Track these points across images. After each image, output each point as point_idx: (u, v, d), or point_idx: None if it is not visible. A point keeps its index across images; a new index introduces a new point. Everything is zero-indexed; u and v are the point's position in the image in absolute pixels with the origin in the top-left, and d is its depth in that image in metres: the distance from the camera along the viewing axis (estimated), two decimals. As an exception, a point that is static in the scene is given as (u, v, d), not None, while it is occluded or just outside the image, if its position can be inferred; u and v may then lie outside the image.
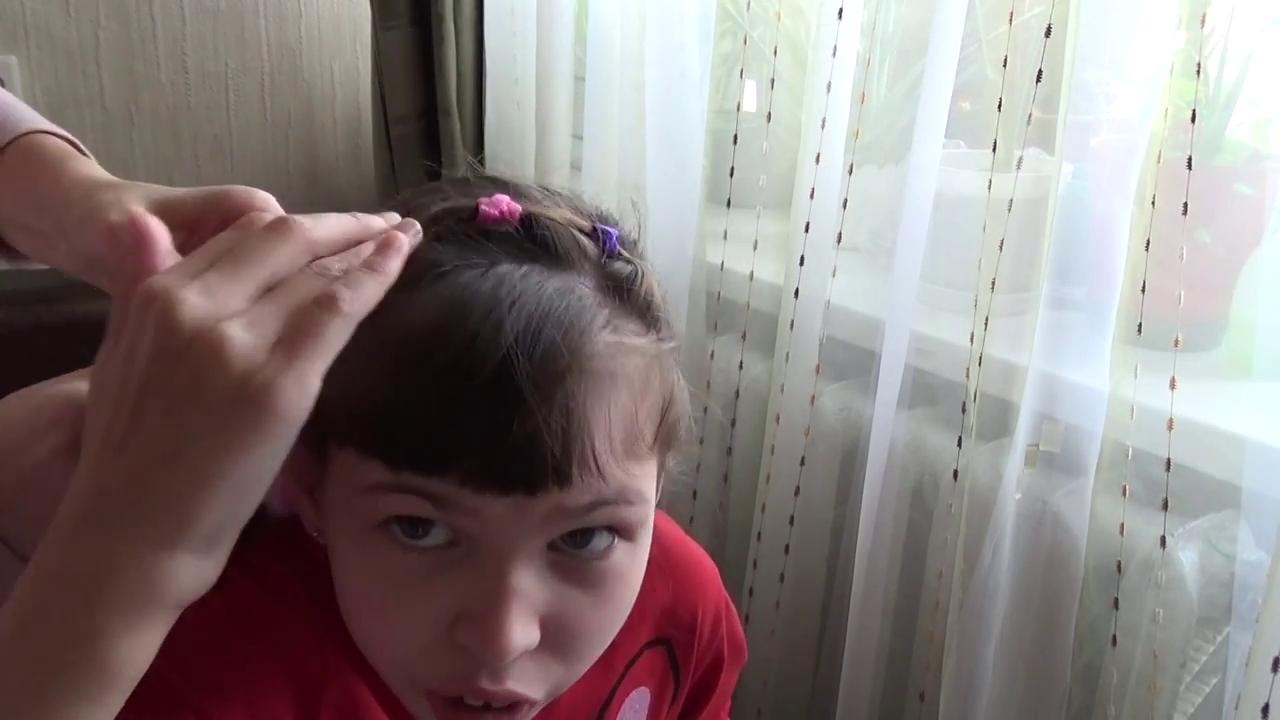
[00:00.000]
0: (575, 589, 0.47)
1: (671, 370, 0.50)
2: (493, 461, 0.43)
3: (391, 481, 0.44)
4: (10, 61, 1.56)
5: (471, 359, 0.43)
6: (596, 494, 0.45)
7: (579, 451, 0.44)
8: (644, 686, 0.65)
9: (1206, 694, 0.89)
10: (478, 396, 0.43)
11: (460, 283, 0.45)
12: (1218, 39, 0.87)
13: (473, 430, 0.43)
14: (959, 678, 0.99)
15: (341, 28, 1.78)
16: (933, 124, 0.99)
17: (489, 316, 0.43)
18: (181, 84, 1.68)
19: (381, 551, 0.46)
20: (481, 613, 0.45)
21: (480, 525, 0.45)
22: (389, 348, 0.44)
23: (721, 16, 1.26)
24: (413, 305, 0.45)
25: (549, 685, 0.49)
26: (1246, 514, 0.86)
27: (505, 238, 0.48)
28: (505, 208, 0.48)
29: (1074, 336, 0.93)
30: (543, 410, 0.43)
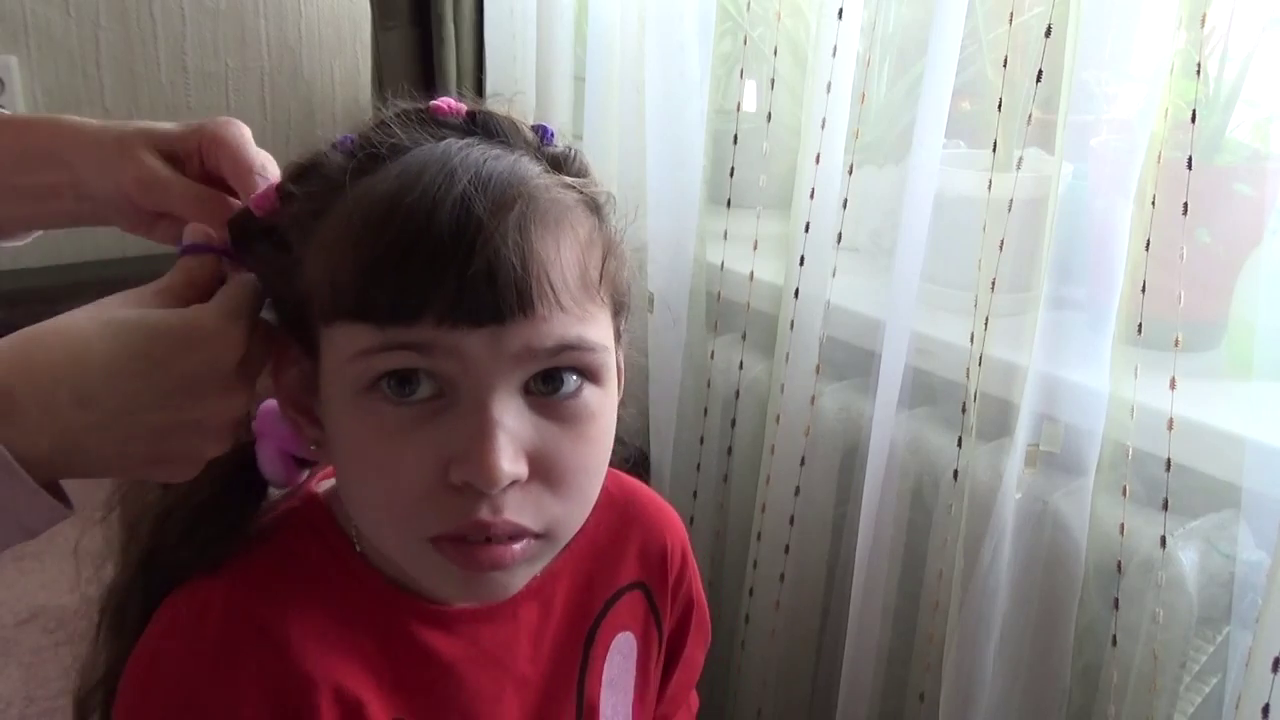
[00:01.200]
0: (554, 425, 0.52)
1: (609, 223, 0.56)
2: (461, 296, 0.49)
3: (378, 341, 0.50)
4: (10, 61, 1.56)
5: (431, 205, 0.49)
6: (560, 337, 0.51)
7: (535, 279, 0.50)
8: (629, 631, 0.69)
9: (1206, 694, 0.89)
10: (439, 237, 0.48)
11: (414, 154, 0.52)
12: (1218, 39, 0.87)
13: (440, 269, 0.49)
14: (959, 678, 0.99)
15: (341, 28, 1.78)
16: (933, 124, 0.99)
17: (442, 170, 0.50)
18: (181, 84, 1.68)
19: (375, 411, 0.51)
20: (470, 447, 0.50)
21: (461, 366, 0.50)
22: (358, 219, 0.50)
23: (721, 16, 1.26)
24: (375, 180, 0.51)
25: (546, 518, 0.53)
26: (1246, 514, 0.86)
27: (454, 125, 0.55)
28: (453, 105, 0.56)
29: (1074, 336, 0.93)
30: (499, 236, 0.49)
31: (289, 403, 0.57)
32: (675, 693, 0.75)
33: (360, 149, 0.54)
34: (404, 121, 0.54)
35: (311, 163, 0.55)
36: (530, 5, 1.46)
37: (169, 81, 1.67)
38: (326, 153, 0.55)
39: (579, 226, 0.53)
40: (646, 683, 0.71)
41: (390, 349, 0.50)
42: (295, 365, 0.56)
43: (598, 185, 0.56)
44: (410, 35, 1.54)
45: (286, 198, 0.55)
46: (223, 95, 1.71)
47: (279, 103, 1.76)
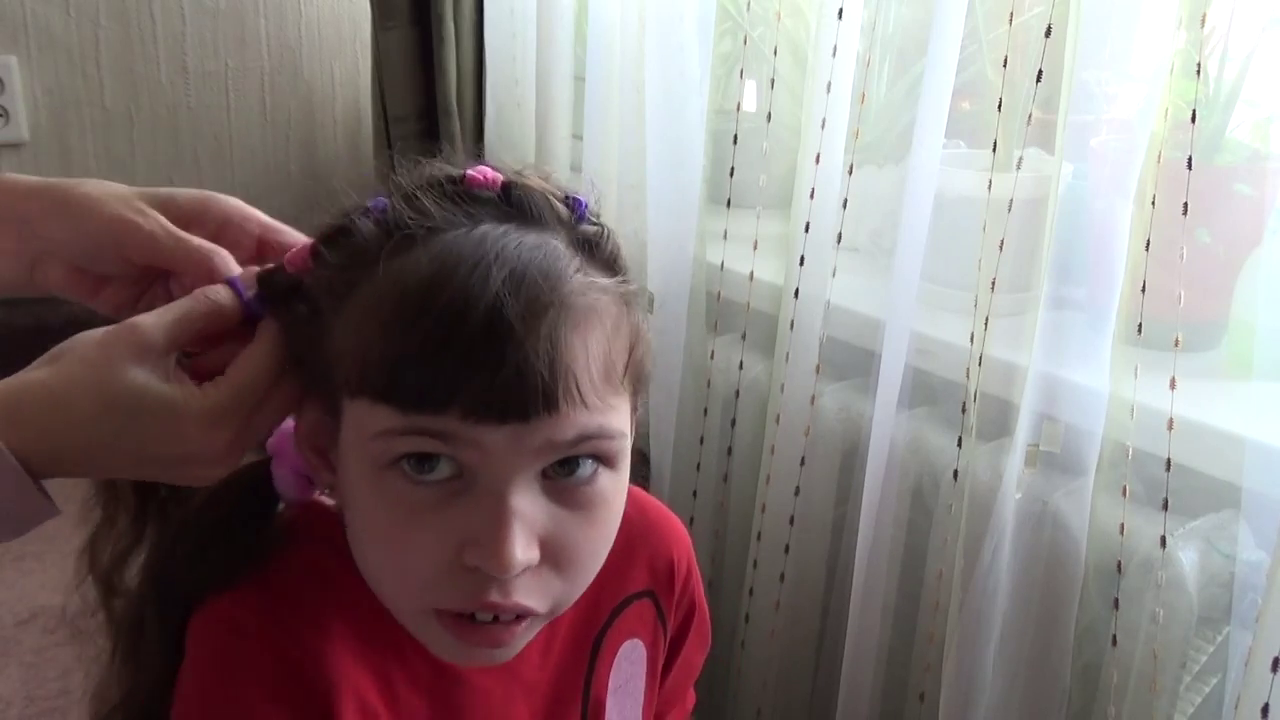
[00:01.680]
0: (567, 511, 0.53)
1: (637, 313, 0.57)
2: (489, 394, 0.49)
3: (401, 425, 0.50)
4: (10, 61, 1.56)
5: (464, 303, 0.49)
6: (581, 428, 0.51)
7: (563, 380, 0.50)
8: (637, 638, 0.69)
9: (1206, 694, 0.89)
10: (472, 336, 0.49)
11: (448, 240, 0.52)
12: (1218, 39, 0.87)
13: (470, 367, 0.49)
14: (959, 678, 0.99)
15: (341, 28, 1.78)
16: (933, 124, 0.99)
17: (477, 266, 0.50)
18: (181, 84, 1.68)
19: (393, 488, 0.52)
20: (486, 534, 0.51)
21: (481, 456, 0.51)
22: (390, 304, 0.51)
23: (721, 16, 1.26)
24: (408, 264, 0.51)
25: (551, 600, 0.54)
26: (1246, 514, 0.86)
27: (487, 201, 0.54)
28: (488, 175, 0.55)
29: (1074, 336, 0.93)
30: (530, 342, 0.49)
31: (307, 444, 0.58)
32: (671, 691, 0.76)
33: (394, 225, 0.53)
34: (437, 195, 0.54)
35: (343, 227, 0.55)
36: (530, 5, 1.46)
37: (169, 81, 1.67)
38: (358, 219, 0.55)
39: (608, 321, 0.54)
40: (654, 690, 0.72)
41: (412, 434, 0.51)
42: (315, 414, 0.57)
43: (629, 278, 0.57)
44: (410, 35, 1.54)
45: (318, 259, 0.56)
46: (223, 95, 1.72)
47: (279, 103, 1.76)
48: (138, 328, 0.53)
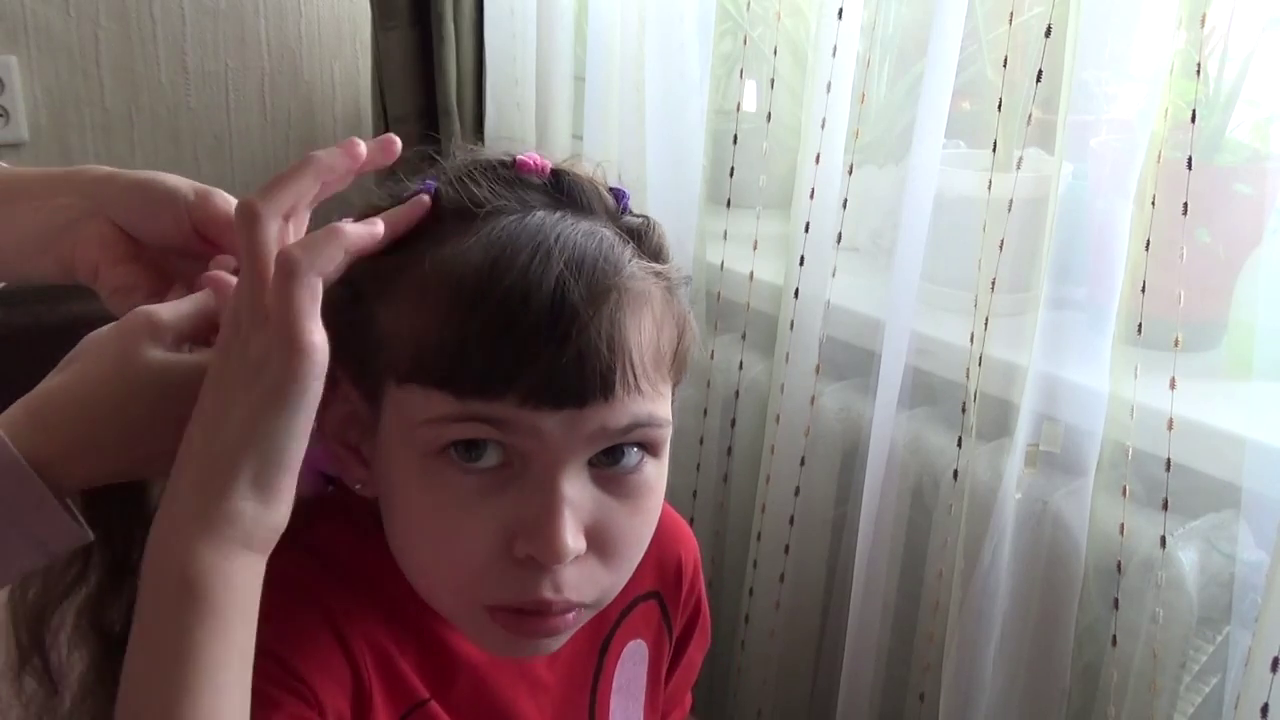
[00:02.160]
0: (613, 500, 0.53)
1: (683, 302, 0.57)
2: (549, 379, 0.49)
3: (456, 412, 0.50)
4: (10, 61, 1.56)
5: (526, 288, 0.49)
6: (633, 415, 0.51)
7: (621, 365, 0.50)
8: (641, 639, 0.69)
9: (1206, 694, 0.89)
10: (536, 321, 0.49)
11: (505, 225, 0.51)
12: (1218, 39, 0.87)
13: (531, 352, 0.49)
14: (959, 678, 0.99)
15: (341, 28, 1.78)
16: (933, 124, 0.99)
17: (537, 252, 0.50)
18: (181, 84, 1.68)
19: (441, 476, 0.51)
20: (538, 522, 0.50)
21: (534, 442, 0.50)
22: (448, 288, 0.50)
23: (721, 16, 1.26)
24: (464, 248, 0.51)
25: (598, 590, 0.54)
26: (1246, 514, 0.86)
27: (537, 187, 0.54)
28: (538, 162, 0.55)
29: (1074, 336, 0.93)
30: (594, 325, 0.49)
31: (336, 439, 0.56)
32: (674, 692, 0.76)
33: (446, 208, 0.53)
34: (489, 177, 0.54)
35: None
36: (530, 5, 1.46)
37: (169, 81, 1.67)
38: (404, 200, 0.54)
39: (657, 308, 0.54)
40: (657, 688, 0.72)
41: (467, 420, 0.50)
42: (347, 404, 0.55)
43: (677, 266, 0.57)
44: (410, 35, 1.54)
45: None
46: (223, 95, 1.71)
47: (279, 103, 1.75)
48: (151, 312, 0.53)
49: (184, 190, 0.59)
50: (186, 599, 0.47)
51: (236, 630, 0.48)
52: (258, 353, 0.48)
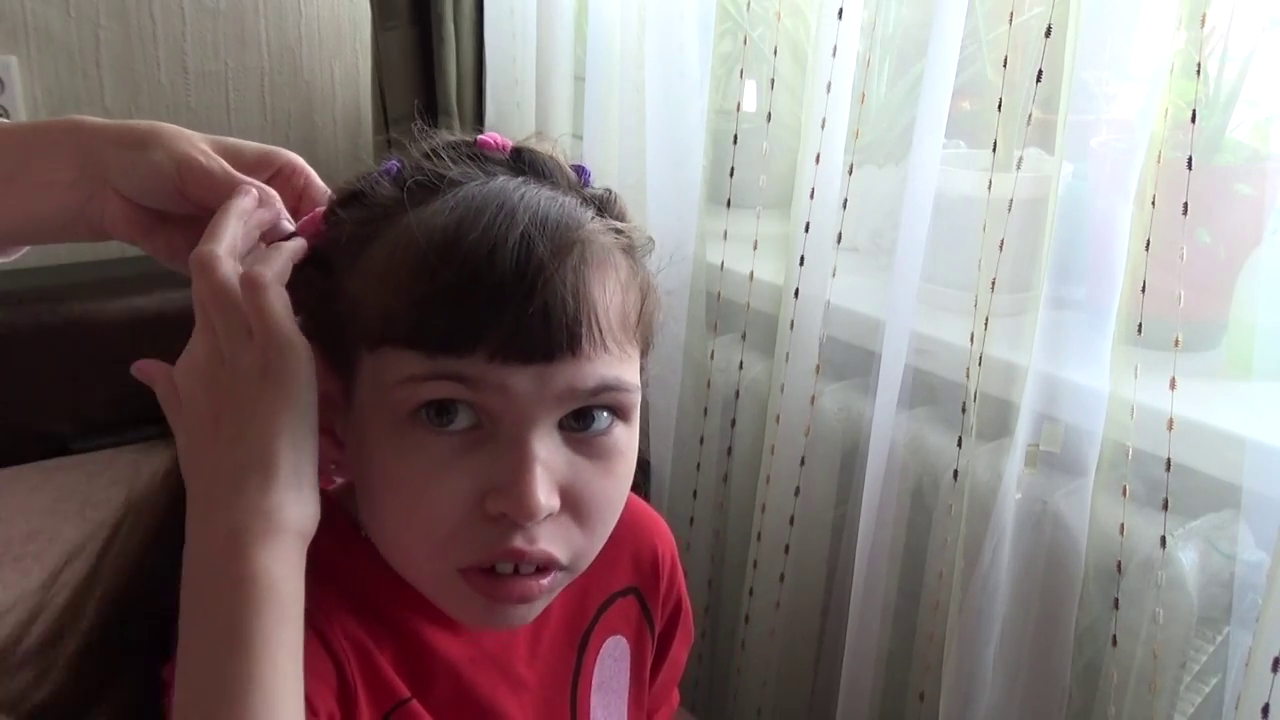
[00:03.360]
0: (585, 460, 0.54)
1: (645, 269, 0.58)
2: (516, 333, 0.50)
3: (427, 369, 0.51)
4: (10, 61, 1.56)
5: (492, 243, 0.50)
6: (600, 377, 0.52)
7: (586, 320, 0.52)
8: (621, 635, 0.69)
9: (1206, 694, 0.89)
10: (501, 273, 0.50)
11: (468, 190, 0.53)
12: (1218, 39, 0.87)
13: (498, 305, 0.50)
14: (959, 678, 0.99)
15: (341, 28, 1.78)
16: (933, 124, 0.99)
17: (501, 208, 0.51)
18: (181, 84, 1.68)
19: (413, 439, 0.52)
20: (510, 479, 0.51)
21: (504, 402, 0.51)
22: (415, 250, 0.51)
23: (721, 16, 1.26)
24: (430, 212, 0.52)
25: (572, 550, 0.55)
26: (1246, 514, 0.86)
27: (500, 162, 0.56)
28: (499, 140, 0.57)
29: (1074, 336, 0.94)
30: (558, 277, 0.51)
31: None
32: (659, 690, 0.76)
33: (411, 179, 0.55)
34: (453, 154, 0.56)
35: (359, 190, 0.56)
36: (530, 5, 1.46)
37: (169, 81, 1.67)
38: (375, 179, 0.56)
39: (622, 270, 0.55)
40: (641, 686, 0.72)
41: (438, 378, 0.51)
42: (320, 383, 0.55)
43: (639, 228, 0.58)
44: (410, 35, 1.54)
45: (334, 222, 0.56)
46: (223, 95, 1.71)
47: (279, 103, 1.76)
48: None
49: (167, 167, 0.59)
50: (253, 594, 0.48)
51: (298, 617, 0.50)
52: (251, 363, 0.51)
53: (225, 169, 0.58)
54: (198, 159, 0.58)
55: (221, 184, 0.58)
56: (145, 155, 0.58)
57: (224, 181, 0.58)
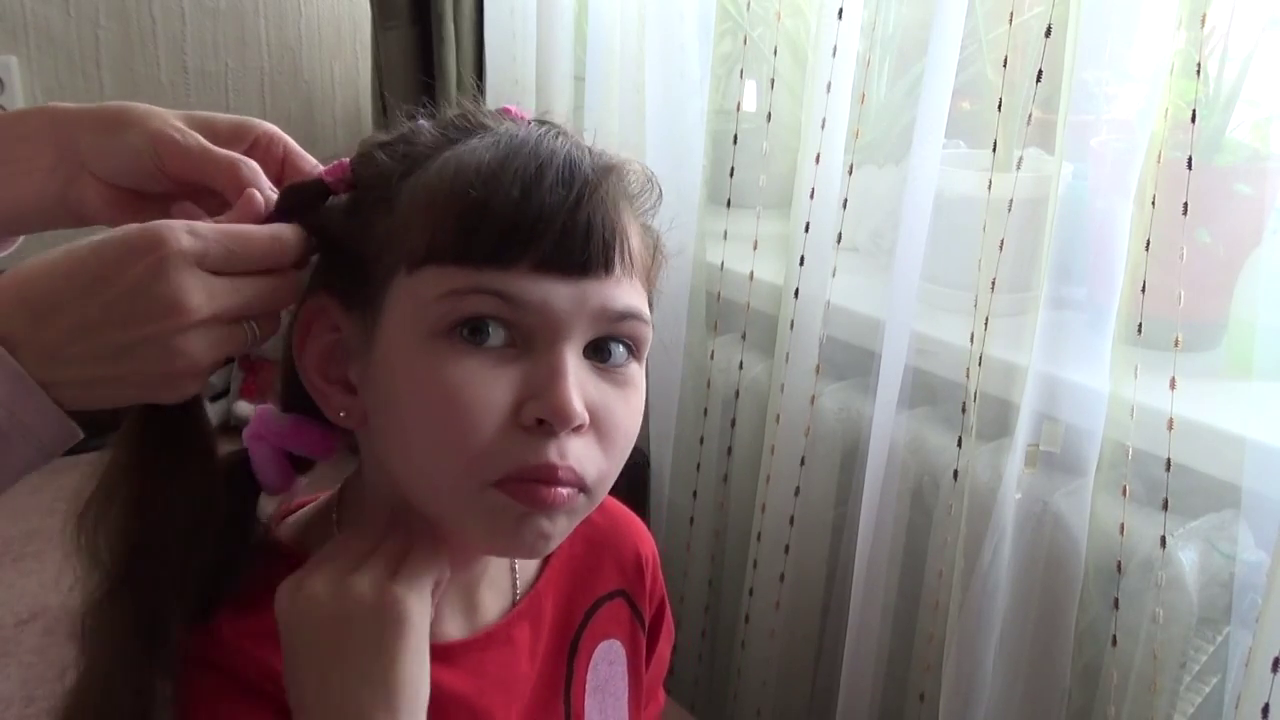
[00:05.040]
0: (607, 385, 0.56)
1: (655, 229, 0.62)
2: (558, 246, 0.53)
3: (471, 283, 0.52)
4: (10, 61, 1.56)
5: (540, 160, 0.53)
6: (627, 303, 0.55)
7: (619, 244, 0.55)
8: (614, 639, 0.70)
9: (1206, 694, 0.89)
10: (551, 185, 0.53)
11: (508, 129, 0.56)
12: (1218, 39, 0.87)
13: (546, 219, 0.53)
14: (959, 678, 0.99)
15: (341, 28, 1.78)
16: (933, 124, 0.99)
17: (543, 140, 0.55)
18: (181, 84, 1.68)
19: (450, 353, 0.53)
20: (547, 386, 0.53)
21: (539, 318, 0.53)
22: (463, 172, 0.53)
23: (721, 16, 1.26)
24: (476, 145, 0.55)
25: (596, 471, 0.56)
26: (1246, 514, 0.86)
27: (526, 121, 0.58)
28: (520, 110, 0.60)
29: (1074, 336, 0.94)
30: (600, 195, 0.54)
31: (317, 372, 0.57)
32: (647, 689, 0.76)
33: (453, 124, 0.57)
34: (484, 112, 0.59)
35: (398, 135, 0.58)
36: (530, 5, 1.46)
37: (169, 81, 1.67)
38: (413, 127, 0.58)
39: (645, 210, 0.59)
40: (639, 686, 0.72)
41: (481, 292, 0.53)
42: (333, 334, 0.57)
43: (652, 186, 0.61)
44: (410, 35, 1.54)
45: (366, 163, 0.57)
46: (223, 95, 1.71)
47: (279, 103, 1.76)
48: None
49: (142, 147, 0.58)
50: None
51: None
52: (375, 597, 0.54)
53: (201, 144, 0.58)
54: (173, 136, 0.58)
55: (199, 159, 0.58)
56: (120, 138, 0.58)
57: (201, 156, 0.58)
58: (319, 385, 0.57)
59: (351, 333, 0.56)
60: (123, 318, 0.49)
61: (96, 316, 0.49)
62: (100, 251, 0.49)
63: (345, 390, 0.57)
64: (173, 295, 0.49)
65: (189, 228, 0.50)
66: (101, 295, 0.49)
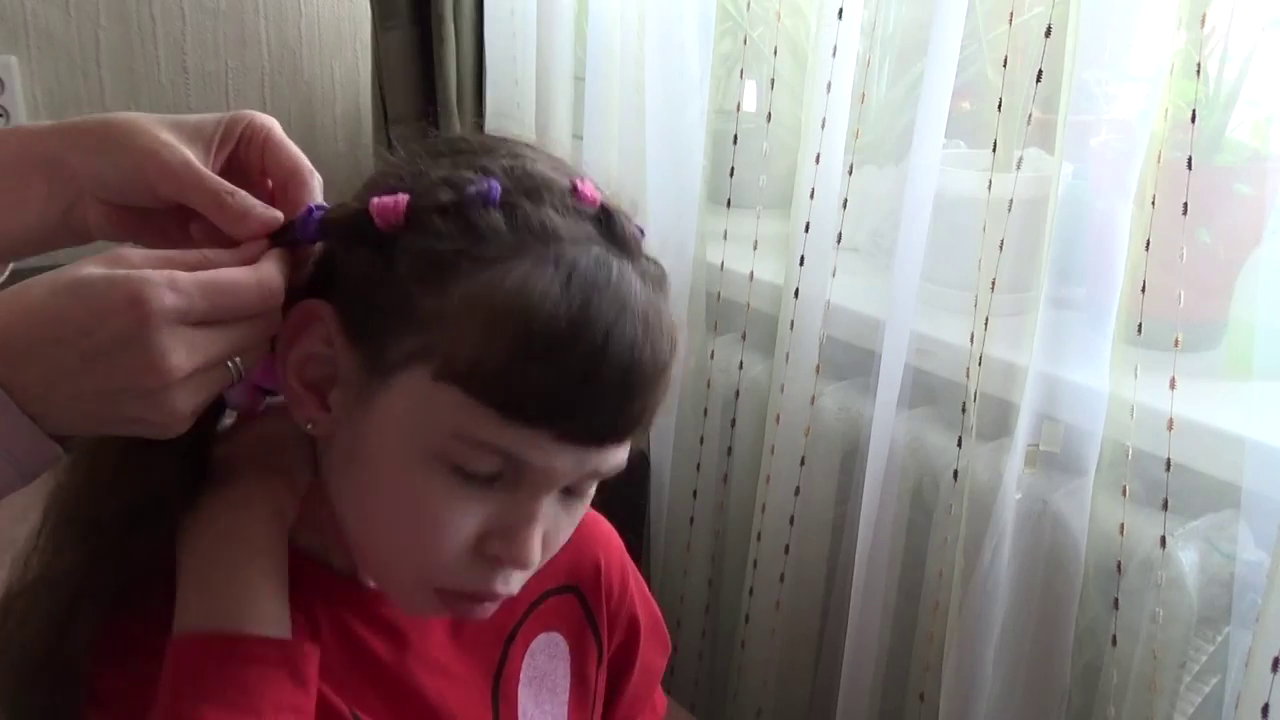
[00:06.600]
0: (562, 511, 0.57)
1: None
2: (590, 426, 0.53)
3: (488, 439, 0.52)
4: (10, 61, 1.56)
5: (605, 355, 0.51)
6: (616, 464, 0.56)
7: (645, 423, 0.55)
8: (555, 632, 0.71)
9: (1206, 694, 0.89)
10: (612, 376, 0.52)
11: (580, 266, 0.52)
12: (1218, 39, 0.87)
13: (598, 403, 0.52)
14: (959, 678, 0.99)
15: (341, 28, 1.78)
16: (933, 124, 0.99)
17: (621, 310, 0.52)
18: (181, 84, 1.68)
19: (435, 478, 0.53)
20: (515, 530, 0.54)
21: (540, 474, 0.54)
22: (525, 321, 0.51)
23: (721, 16, 1.26)
24: (540, 279, 0.51)
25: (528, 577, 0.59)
26: (1246, 514, 0.86)
27: (591, 218, 0.55)
28: (592, 193, 0.56)
29: (1074, 336, 0.93)
30: (651, 391, 0.54)
31: (296, 374, 0.55)
32: (635, 696, 0.77)
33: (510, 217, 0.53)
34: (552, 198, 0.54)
35: (455, 202, 0.53)
36: (530, 5, 1.46)
37: (169, 81, 1.67)
38: (471, 194, 0.53)
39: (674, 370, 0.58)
40: (584, 686, 0.72)
41: (494, 452, 0.52)
42: (324, 346, 0.55)
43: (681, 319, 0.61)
44: (410, 35, 1.54)
45: (421, 225, 0.53)
46: (223, 95, 1.71)
47: (279, 103, 1.75)
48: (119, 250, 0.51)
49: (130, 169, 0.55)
50: None
51: None
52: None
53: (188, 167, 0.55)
54: (157, 154, 0.55)
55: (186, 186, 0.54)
56: (108, 158, 0.55)
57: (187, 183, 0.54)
58: (294, 387, 0.56)
59: (347, 364, 0.55)
60: (103, 371, 0.48)
61: (74, 366, 0.47)
62: (80, 298, 0.48)
63: (320, 405, 0.56)
64: (152, 357, 0.48)
65: (171, 282, 0.48)
66: (79, 346, 0.47)
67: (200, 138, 0.57)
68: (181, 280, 0.49)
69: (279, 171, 0.58)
